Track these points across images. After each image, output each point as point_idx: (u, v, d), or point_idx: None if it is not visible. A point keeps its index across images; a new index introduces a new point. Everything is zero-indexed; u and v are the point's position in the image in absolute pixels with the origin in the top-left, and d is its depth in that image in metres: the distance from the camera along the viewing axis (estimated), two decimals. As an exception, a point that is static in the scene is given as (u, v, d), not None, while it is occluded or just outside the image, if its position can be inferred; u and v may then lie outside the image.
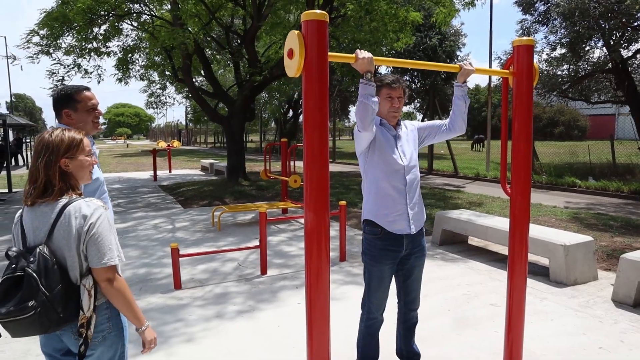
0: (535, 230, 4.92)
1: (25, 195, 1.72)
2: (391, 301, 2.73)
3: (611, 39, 12.70)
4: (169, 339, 3.43)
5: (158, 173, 15.22)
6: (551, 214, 7.98)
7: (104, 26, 11.80)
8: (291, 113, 31.11)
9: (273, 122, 37.54)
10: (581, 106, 26.35)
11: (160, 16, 12.64)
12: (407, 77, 27.25)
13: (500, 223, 5.39)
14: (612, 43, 12.59)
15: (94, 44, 11.95)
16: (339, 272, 4.96)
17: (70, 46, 11.66)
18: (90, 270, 1.67)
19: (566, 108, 32.29)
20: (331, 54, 1.76)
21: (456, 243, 6.10)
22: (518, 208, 2.37)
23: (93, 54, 12.05)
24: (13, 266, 1.58)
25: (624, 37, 12.66)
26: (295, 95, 27.40)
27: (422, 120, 22.24)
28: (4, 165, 12.76)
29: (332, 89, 25.95)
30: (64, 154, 1.70)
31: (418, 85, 27.62)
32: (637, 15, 11.98)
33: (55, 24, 10.89)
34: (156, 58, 14.30)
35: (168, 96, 18.30)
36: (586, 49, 13.55)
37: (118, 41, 13.11)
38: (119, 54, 13.30)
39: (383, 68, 28.91)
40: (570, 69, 14.06)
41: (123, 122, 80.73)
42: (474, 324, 3.65)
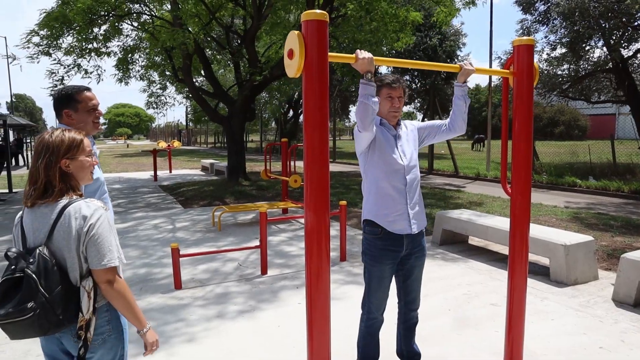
0: (535, 230, 4.92)
1: (25, 196, 1.70)
2: (391, 301, 2.72)
3: (611, 39, 12.69)
4: (170, 339, 3.44)
5: (158, 173, 15.22)
6: (551, 214, 7.98)
7: (104, 26, 11.79)
8: (291, 113, 31.13)
9: (273, 122, 37.56)
10: (581, 106, 26.33)
11: (160, 16, 12.64)
12: (407, 77, 27.24)
13: (500, 223, 5.39)
14: (613, 43, 12.58)
15: (94, 44, 11.95)
16: (340, 272, 4.96)
17: (70, 46, 11.66)
18: (90, 271, 1.65)
19: (566, 108, 32.28)
20: (331, 54, 1.76)
21: (456, 243, 6.10)
22: (518, 208, 2.37)
23: (93, 54, 12.05)
24: (12, 267, 1.57)
25: (624, 37, 12.65)
26: (295, 95, 27.43)
27: (423, 120, 22.24)
28: (4, 165, 12.76)
29: (333, 89, 25.96)
30: (65, 155, 1.68)
31: (418, 85, 27.62)
32: (637, 14, 11.98)
33: (55, 24, 10.88)
34: (156, 58, 14.30)
35: (168, 96, 18.25)
36: (586, 49, 13.56)
37: (118, 41, 13.13)
38: (119, 54, 13.30)
39: (383, 68, 28.91)
40: (570, 69, 14.06)
41: (123, 122, 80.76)
42: (475, 324, 3.65)
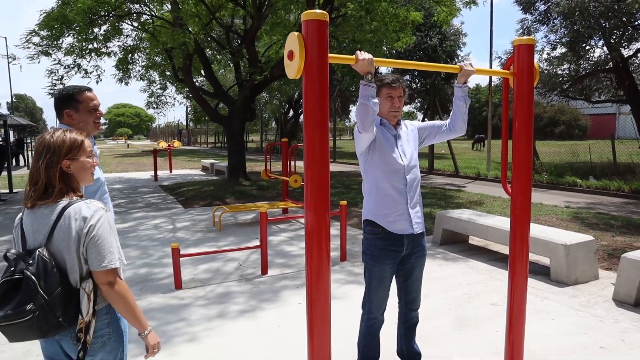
0: (536, 229, 4.92)
1: (25, 197, 1.68)
2: (392, 301, 2.72)
3: (611, 38, 12.69)
4: (172, 339, 3.44)
5: (159, 173, 15.22)
6: (552, 214, 7.97)
7: (104, 26, 11.80)
8: (292, 113, 31.13)
9: (274, 122, 37.55)
10: (582, 105, 26.35)
11: (160, 16, 12.63)
12: (408, 77, 27.22)
13: (501, 222, 5.39)
14: (613, 42, 12.58)
15: (94, 44, 11.95)
16: (341, 272, 4.96)
17: (70, 46, 11.67)
18: (90, 273, 1.64)
19: (567, 107, 32.29)
20: (331, 56, 1.76)
21: (457, 242, 6.10)
22: (519, 207, 2.37)
23: (93, 54, 12.05)
24: (12, 269, 1.55)
25: (624, 36, 12.65)
26: (295, 95, 27.42)
27: (423, 120, 22.23)
28: (5, 165, 12.76)
29: (333, 89, 25.96)
30: (66, 155, 1.67)
31: (418, 85, 27.60)
32: (638, 14, 11.97)
33: (55, 25, 10.88)
34: (156, 58, 14.30)
35: (168, 96, 18.24)
36: (586, 48, 13.55)
37: (118, 41, 13.13)
38: (119, 54, 13.30)
39: (383, 68, 28.91)
40: (570, 68, 14.05)
41: (124, 123, 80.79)
42: (475, 324, 3.65)
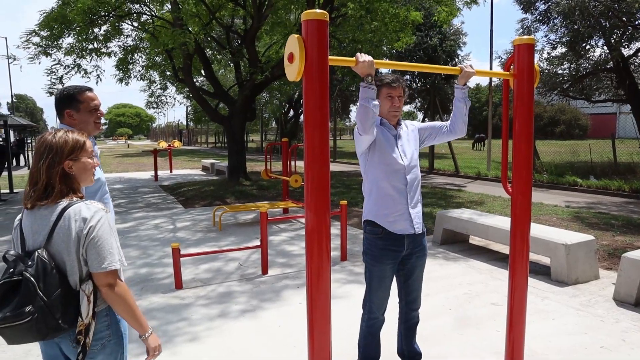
0: (536, 229, 4.92)
1: (25, 197, 1.66)
2: (392, 301, 2.72)
3: (612, 38, 12.68)
4: (173, 338, 3.44)
5: (159, 173, 15.22)
6: (552, 213, 7.97)
7: (104, 27, 11.79)
8: (292, 113, 31.12)
9: (274, 122, 37.55)
10: (582, 105, 26.32)
11: (160, 16, 12.63)
12: (408, 77, 27.18)
13: (501, 222, 5.39)
14: (613, 42, 12.57)
15: (95, 45, 11.95)
16: (342, 271, 4.96)
17: (70, 46, 11.66)
18: (90, 275, 1.62)
19: (567, 107, 32.25)
20: (332, 58, 1.75)
21: (457, 242, 6.10)
22: (519, 207, 2.37)
23: (93, 55, 12.05)
24: (11, 270, 1.53)
25: (625, 36, 12.64)
26: (296, 94, 27.42)
27: (423, 119, 22.23)
28: (5, 165, 12.76)
29: (333, 89, 25.93)
30: (68, 156, 1.65)
31: (419, 84, 27.56)
32: (638, 14, 11.96)
33: (55, 25, 10.88)
34: (156, 58, 14.29)
35: (169, 96, 18.23)
36: (587, 48, 13.54)
37: (118, 41, 13.12)
38: (119, 54, 13.30)
39: (384, 68, 28.83)
40: (571, 68, 14.04)
41: (124, 123, 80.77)
42: (476, 324, 3.65)
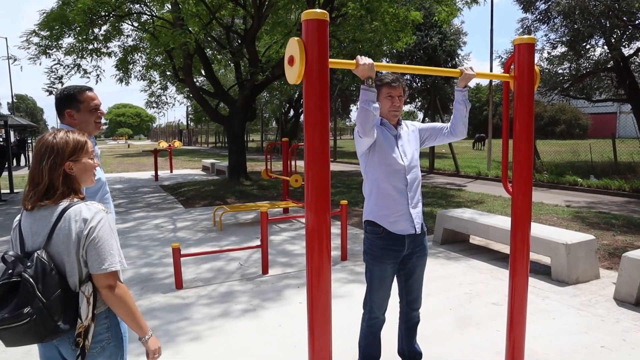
0: (536, 229, 4.91)
1: (24, 198, 1.63)
2: (393, 300, 2.72)
3: (612, 37, 12.67)
4: (175, 338, 3.45)
5: (159, 173, 15.22)
6: (553, 213, 7.97)
7: (105, 27, 11.79)
8: (292, 112, 31.11)
9: (274, 122, 37.54)
10: (582, 105, 26.30)
11: (160, 16, 12.63)
12: (408, 77, 27.16)
13: (501, 222, 5.38)
14: (613, 41, 12.56)
15: (95, 45, 11.94)
16: (343, 271, 4.96)
17: (70, 46, 11.66)
18: (90, 276, 1.60)
19: (567, 106, 32.26)
20: (332, 61, 1.75)
21: (458, 242, 6.10)
22: (519, 207, 2.37)
23: (93, 55, 12.04)
24: (10, 271, 1.51)
25: (625, 36, 12.63)
26: (296, 94, 27.41)
27: (424, 119, 22.22)
28: (6, 165, 12.77)
29: (333, 88, 25.93)
30: (69, 157, 1.63)
31: (419, 84, 27.56)
32: (638, 13, 11.95)
33: (55, 25, 10.88)
34: (157, 58, 14.29)
35: (169, 96, 18.23)
36: (587, 47, 13.54)
37: (118, 41, 13.12)
38: (120, 54, 13.30)
39: (384, 67, 28.80)
40: (571, 67, 14.04)
41: (124, 123, 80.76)
42: (476, 323, 3.65)
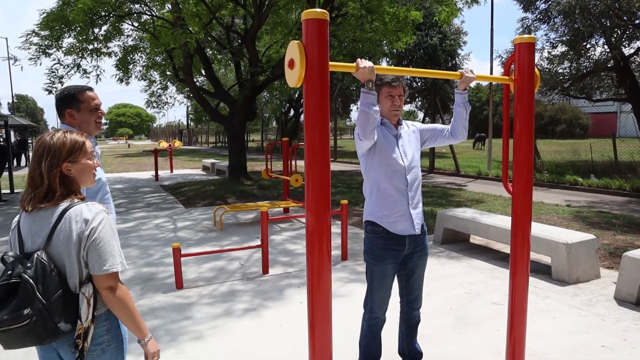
0: (537, 228, 4.91)
1: (23, 200, 1.61)
2: (393, 300, 2.72)
3: (612, 37, 12.66)
4: (177, 337, 3.46)
5: (159, 173, 15.22)
6: (553, 212, 7.96)
7: (105, 27, 11.79)
8: (292, 112, 31.11)
9: (274, 122, 37.54)
10: (583, 104, 26.28)
11: (160, 16, 12.62)
12: (408, 76, 27.20)
13: (502, 221, 5.38)
14: (614, 41, 12.55)
15: (95, 45, 11.94)
16: (344, 270, 4.97)
17: (70, 46, 11.66)
18: (90, 277, 1.58)
19: (568, 106, 32.23)
20: (332, 64, 1.74)
21: (458, 241, 6.10)
22: (520, 206, 2.36)
23: (93, 55, 12.04)
24: (9, 272, 1.49)
25: (625, 35, 12.62)
26: (296, 94, 27.40)
27: (424, 119, 22.21)
28: (6, 166, 12.78)
29: (333, 88, 25.92)
30: (66, 158, 1.60)
31: (419, 84, 27.56)
32: (639, 13, 11.94)
33: (55, 25, 10.87)
34: (157, 58, 14.29)
35: (169, 96, 18.22)
36: (587, 47, 13.53)
37: (118, 41, 13.12)
38: (120, 54, 13.29)
39: (384, 65, 28.81)
40: (571, 67, 14.03)
41: (124, 123, 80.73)
42: (476, 323, 3.65)
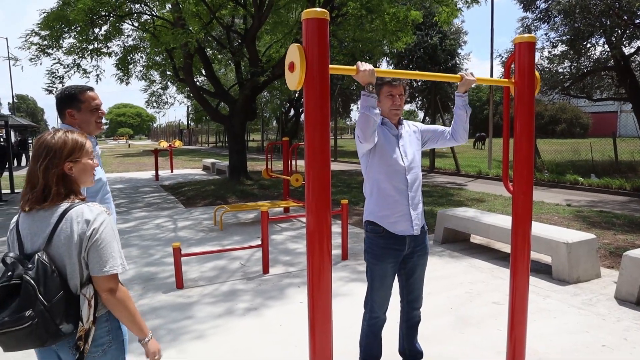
0: (537, 228, 4.91)
1: (22, 199, 1.60)
2: (394, 300, 2.72)
3: (612, 36, 12.65)
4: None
5: (160, 173, 15.23)
6: (553, 212, 7.96)
7: (105, 27, 11.78)
8: (292, 112, 31.10)
9: (274, 121, 37.53)
10: (583, 103, 26.26)
11: (161, 16, 12.62)
12: (408, 76, 27.16)
13: (502, 221, 5.38)
14: (614, 40, 12.54)
15: (95, 45, 11.94)
16: (344, 270, 4.97)
17: (71, 46, 11.66)
18: (91, 278, 1.58)
19: (568, 105, 32.18)
20: (332, 67, 1.74)
21: (458, 241, 6.09)
22: (520, 206, 2.36)
23: (94, 54, 12.04)
24: (9, 273, 1.48)
25: (625, 35, 12.62)
26: (296, 94, 27.39)
27: (424, 118, 22.20)
28: (7, 166, 12.80)
29: (334, 87, 25.91)
30: (67, 158, 1.59)
31: (419, 83, 27.55)
32: (639, 12, 11.93)
33: (55, 25, 10.88)
34: (157, 58, 14.28)
35: (169, 96, 18.21)
36: (587, 46, 13.52)
37: (119, 41, 13.12)
38: (120, 54, 13.29)
39: (384, 66, 28.88)
40: (572, 66, 14.02)
41: (125, 122, 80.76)
42: (477, 323, 3.64)
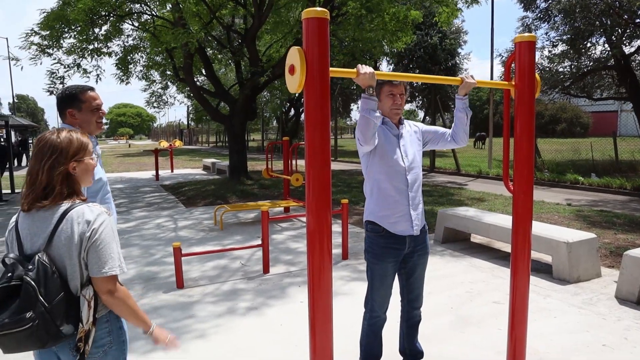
0: (538, 227, 4.91)
1: (23, 198, 1.59)
2: (394, 299, 2.72)
3: (613, 36, 12.65)
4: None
5: (160, 173, 15.23)
6: (554, 211, 7.96)
7: (105, 26, 11.78)
8: (292, 112, 31.11)
9: (275, 121, 37.54)
10: (583, 103, 26.26)
11: (161, 16, 12.62)
12: (409, 75, 27.18)
13: (503, 220, 5.38)
14: (614, 39, 12.54)
15: (95, 44, 11.94)
16: (344, 269, 4.97)
17: (71, 46, 11.66)
18: (90, 279, 1.58)
19: (568, 105, 32.20)
20: (333, 69, 1.74)
21: (459, 241, 6.09)
22: (521, 205, 2.36)
23: (94, 54, 12.04)
24: (9, 274, 1.47)
25: (625, 34, 12.61)
26: (296, 93, 27.40)
27: (424, 118, 22.20)
28: (7, 166, 12.81)
29: (334, 87, 25.92)
30: (73, 157, 1.59)
31: (420, 82, 27.55)
32: (639, 12, 11.93)
33: (55, 25, 10.88)
34: (157, 58, 14.27)
35: (169, 96, 18.19)
36: (587, 46, 13.52)
37: (119, 41, 13.11)
38: (120, 54, 13.29)
39: (384, 65, 28.88)
40: (572, 66, 14.02)
41: (125, 122, 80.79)
42: (477, 322, 3.64)
